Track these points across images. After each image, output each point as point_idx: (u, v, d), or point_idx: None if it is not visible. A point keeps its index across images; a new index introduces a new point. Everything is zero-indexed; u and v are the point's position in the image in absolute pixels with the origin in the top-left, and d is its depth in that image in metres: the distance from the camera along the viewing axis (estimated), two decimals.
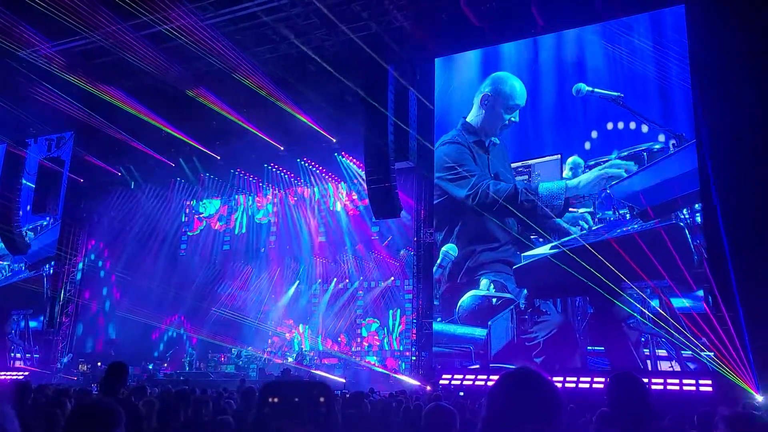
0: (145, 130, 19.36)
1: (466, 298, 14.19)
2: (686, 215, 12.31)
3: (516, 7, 14.04)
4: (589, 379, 11.99)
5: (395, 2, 14.66)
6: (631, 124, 13.27)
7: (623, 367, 11.82)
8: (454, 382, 13.41)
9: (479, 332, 13.82)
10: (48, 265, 21.51)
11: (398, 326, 19.65)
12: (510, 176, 14.34)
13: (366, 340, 20.13)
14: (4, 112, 18.62)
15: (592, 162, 13.52)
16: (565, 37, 14.48)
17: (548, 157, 14.10)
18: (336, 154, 20.01)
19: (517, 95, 14.63)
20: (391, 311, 19.89)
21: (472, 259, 14.35)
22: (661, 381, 11.48)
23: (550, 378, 1.87)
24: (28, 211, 20.76)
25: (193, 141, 19.84)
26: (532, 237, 13.62)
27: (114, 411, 2.26)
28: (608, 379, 2.89)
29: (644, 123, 13.10)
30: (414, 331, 16.28)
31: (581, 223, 13.26)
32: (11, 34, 14.76)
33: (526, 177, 14.21)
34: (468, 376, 13.44)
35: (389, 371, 17.83)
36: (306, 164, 21.32)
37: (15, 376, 17.92)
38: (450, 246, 14.69)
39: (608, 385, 2.83)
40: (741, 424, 2.94)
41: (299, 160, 21.14)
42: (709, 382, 11.21)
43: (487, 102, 14.94)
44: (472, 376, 13.39)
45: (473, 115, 15.07)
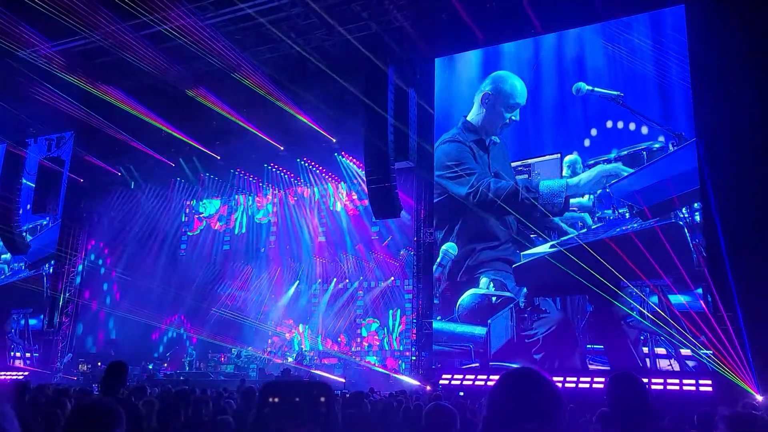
0: (145, 130, 19.36)
1: (466, 297, 14.19)
2: (686, 214, 12.31)
3: (516, 7, 14.03)
4: (589, 379, 11.98)
5: (395, 2, 14.66)
6: (631, 125, 13.26)
7: (622, 365, 11.84)
8: (454, 382, 13.40)
9: (479, 330, 13.81)
10: (48, 265, 21.49)
11: (398, 326, 19.66)
12: (510, 175, 14.33)
13: (366, 340, 20.13)
14: (4, 112, 18.63)
15: (592, 161, 13.52)
16: (565, 37, 14.47)
17: (548, 156, 14.09)
18: (336, 154, 20.00)
19: (518, 94, 14.62)
20: (391, 311, 19.90)
21: (472, 258, 14.35)
22: (661, 381, 11.47)
23: (551, 378, 1.87)
24: (28, 210, 20.76)
25: (193, 141, 19.84)
26: (531, 236, 13.62)
27: (114, 411, 2.25)
28: (608, 379, 2.89)
29: (644, 122, 13.10)
30: (414, 331, 16.28)
31: (581, 222, 13.26)
32: (11, 34, 14.76)
33: (526, 176, 14.20)
34: (468, 376, 13.43)
35: (389, 371, 17.83)
36: (306, 164, 21.32)
37: (15, 376, 17.90)
38: (450, 245, 14.69)
39: (608, 385, 2.83)
40: (741, 424, 2.95)
41: (299, 160, 21.14)
42: (709, 382, 11.20)
43: (487, 101, 14.93)
44: (472, 376, 13.38)
45: (474, 114, 15.07)
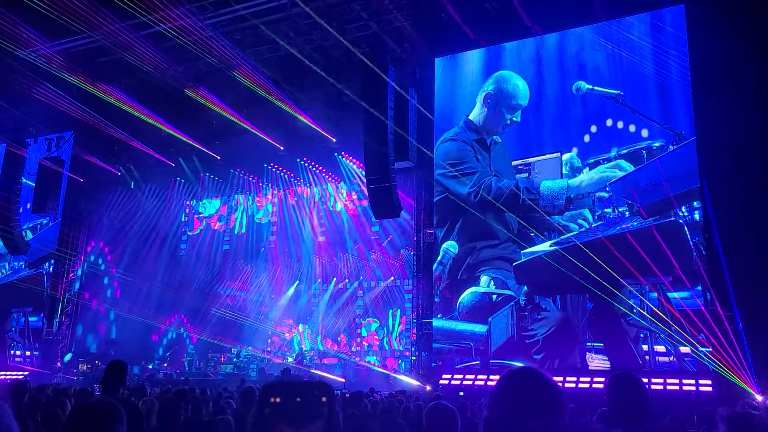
0: (145, 129, 19.36)
1: (467, 295, 14.20)
2: (685, 213, 12.32)
3: (516, 7, 14.01)
4: (589, 379, 11.99)
5: (395, 2, 14.66)
6: (631, 126, 13.25)
7: (622, 362, 11.86)
8: (453, 382, 13.41)
9: (480, 328, 13.81)
10: (48, 264, 21.50)
11: (398, 326, 19.66)
12: (511, 174, 14.32)
13: (366, 340, 20.13)
14: (4, 112, 18.64)
15: (592, 160, 13.52)
16: (565, 36, 14.47)
17: (548, 155, 14.09)
18: (336, 154, 20.01)
19: (520, 95, 14.61)
20: (390, 311, 19.90)
21: (472, 256, 14.35)
22: (661, 381, 11.48)
23: (552, 377, 1.87)
24: (27, 209, 20.76)
25: (192, 141, 19.84)
26: (532, 234, 13.62)
27: (115, 410, 2.25)
28: (608, 379, 2.89)
29: (643, 121, 13.10)
30: (414, 331, 16.28)
31: (581, 221, 13.26)
32: (11, 34, 14.75)
33: (526, 174, 14.19)
34: (468, 376, 13.43)
35: (389, 371, 17.82)
36: (306, 164, 21.33)
37: (14, 376, 17.89)
38: (450, 243, 14.70)
39: (608, 385, 2.83)
40: (740, 424, 2.95)
41: (299, 159, 21.14)
42: (709, 381, 11.21)
43: (489, 100, 14.93)
44: (472, 376, 13.38)
45: (476, 113, 15.06)
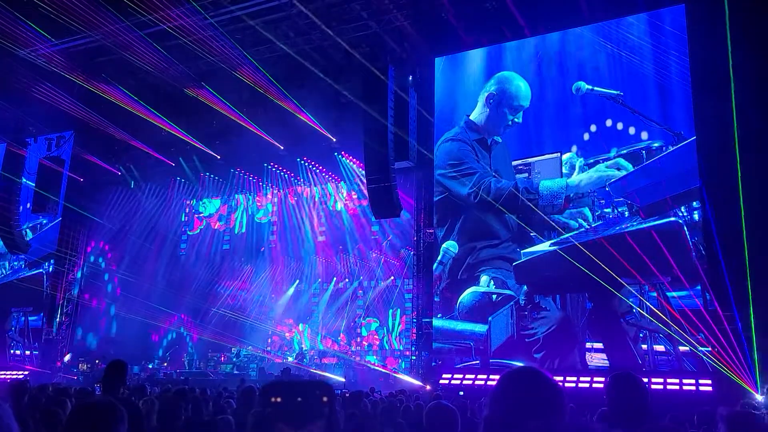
0: (145, 129, 19.37)
1: (467, 295, 14.20)
2: (684, 213, 12.32)
3: (516, 8, 14.01)
4: (589, 379, 11.99)
5: (395, 2, 14.65)
6: (631, 129, 13.25)
7: (622, 362, 11.86)
8: (453, 381, 13.41)
9: (480, 328, 13.82)
10: (48, 263, 21.51)
11: (398, 326, 19.66)
12: (511, 175, 14.32)
13: (366, 340, 20.13)
14: (4, 112, 18.62)
15: (592, 160, 13.52)
16: (565, 36, 14.47)
17: (548, 155, 14.09)
18: (336, 154, 20.01)
19: (522, 96, 14.60)
20: (391, 311, 19.90)
21: (472, 256, 14.36)
22: (661, 380, 11.48)
23: (552, 377, 1.87)
24: (27, 209, 20.77)
25: (193, 140, 19.83)
26: (531, 234, 13.63)
27: (115, 409, 2.25)
28: (608, 378, 2.89)
29: (643, 122, 13.10)
30: (414, 331, 16.28)
31: (580, 221, 13.27)
32: (11, 33, 14.75)
33: (526, 174, 14.19)
34: (468, 376, 13.44)
35: (389, 371, 17.83)
36: (306, 164, 21.32)
37: (14, 375, 17.90)
38: (450, 243, 14.70)
39: (608, 385, 2.83)
40: (740, 423, 2.95)
41: (299, 159, 21.14)
42: (709, 381, 11.21)
43: (491, 101, 14.92)
44: (472, 376, 13.39)
45: (477, 113, 15.06)
